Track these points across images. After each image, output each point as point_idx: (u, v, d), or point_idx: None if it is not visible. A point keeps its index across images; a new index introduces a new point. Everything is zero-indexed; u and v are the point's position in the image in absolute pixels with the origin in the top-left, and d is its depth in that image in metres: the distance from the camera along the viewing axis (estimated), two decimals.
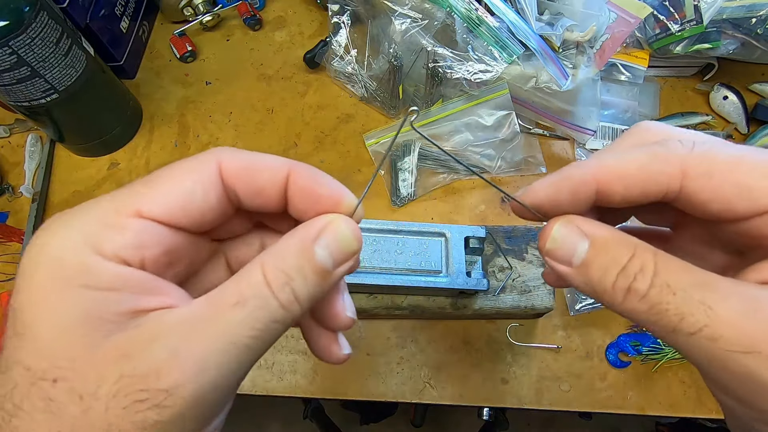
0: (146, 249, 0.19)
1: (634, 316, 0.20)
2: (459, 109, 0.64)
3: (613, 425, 1.33)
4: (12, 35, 0.48)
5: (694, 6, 0.59)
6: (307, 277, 0.19)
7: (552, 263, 0.22)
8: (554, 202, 0.22)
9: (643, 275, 0.19)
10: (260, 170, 0.21)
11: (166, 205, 0.19)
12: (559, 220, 0.22)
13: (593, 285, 0.20)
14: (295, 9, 0.80)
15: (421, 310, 0.52)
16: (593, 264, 0.20)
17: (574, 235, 0.21)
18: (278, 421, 1.39)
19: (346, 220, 0.21)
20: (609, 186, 0.21)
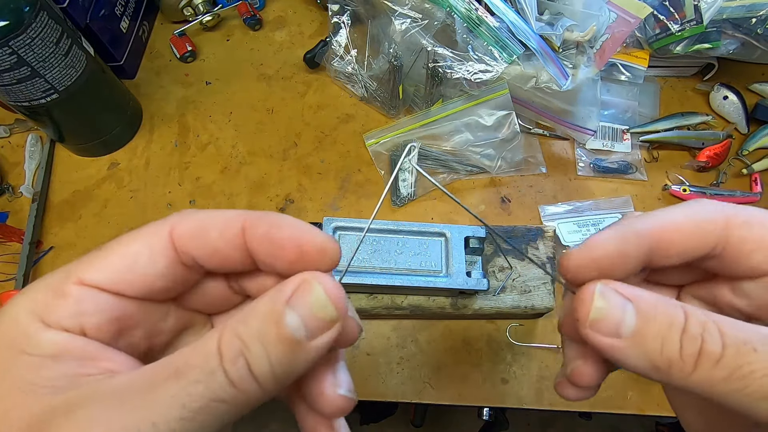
0: (87, 316, 0.18)
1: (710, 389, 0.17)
2: (459, 109, 0.64)
3: (613, 425, 1.33)
4: (12, 35, 0.48)
5: (694, 6, 0.59)
6: (269, 348, 0.16)
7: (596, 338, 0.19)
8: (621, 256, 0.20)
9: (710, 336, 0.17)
10: (210, 229, 0.19)
11: (109, 272, 0.19)
12: (595, 286, 0.19)
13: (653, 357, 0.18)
14: (295, 9, 0.80)
15: (421, 310, 0.52)
16: (648, 332, 0.18)
17: (618, 301, 0.18)
18: (278, 421, 1.39)
19: (324, 278, 0.18)
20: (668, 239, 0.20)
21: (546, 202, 0.63)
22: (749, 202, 0.62)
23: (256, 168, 0.66)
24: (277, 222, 0.19)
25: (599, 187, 0.64)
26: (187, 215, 0.20)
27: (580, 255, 0.20)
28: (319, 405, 0.20)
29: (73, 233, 0.63)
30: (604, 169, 0.64)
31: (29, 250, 0.59)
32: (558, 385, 0.23)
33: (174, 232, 0.19)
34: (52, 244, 0.62)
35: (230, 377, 0.16)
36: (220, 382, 0.16)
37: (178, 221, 0.20)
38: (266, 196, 0.64)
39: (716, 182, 0.63)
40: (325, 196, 0.64)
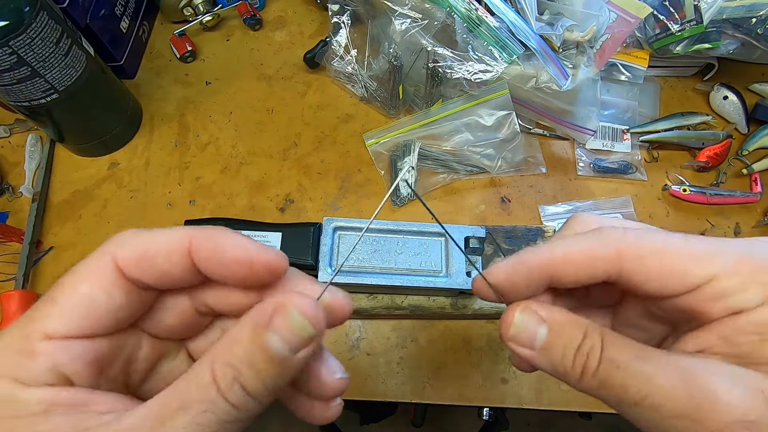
0: (65, 366, 0.18)
1: (590, 392, 0.21)
2: (459, 109, 0.64)
3: (613, 425, 1.33)
4: (12, 35, 0.48)
5: (694, 6, 0.59)
6: (260, 370, 0.18)
7: (516, 348, 0.23)
8: (511, 282, 0.24)
9: (593, 353, 0.21)
10: (155, 255, 0.20)
11: (71, 319, 0.19)
12: (518, 307, 0.23)
13: (555, 366, 0.22)
14: (295, 9, 0.80)
15: (421, 310, 0.52)
16: (553, 346, 0.22)
17: (533, 320, 0.23)
18: (278, 421, 1.39)
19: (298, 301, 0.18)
20: (558, 270, 0.23)
21: (546, 202, 0.63)
22: (749, 202, 0.62)
23: (256, 168, 0.66)
24: (221, 243, 0.20)
25: (599, 187, 0.64)
26: (126, 240, 0.20)
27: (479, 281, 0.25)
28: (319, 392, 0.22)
29: (73, 233, 0.63)
30: (604, 169, 0.64)
31: (29, 250, 0.59)
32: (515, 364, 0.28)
33: (117, 261, 0.20)
34: (52, 244, 0.62)
35: (231, 402, 0.17)
36: (223, 407, 0.17)
37: (118, 249, 0.20)
38: (266, 196, 0.64)
39: (716, 182, 0.63)
40: (325, 196, 0.64)
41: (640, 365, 0.20)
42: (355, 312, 0.53)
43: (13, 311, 0.55)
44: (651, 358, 0.20)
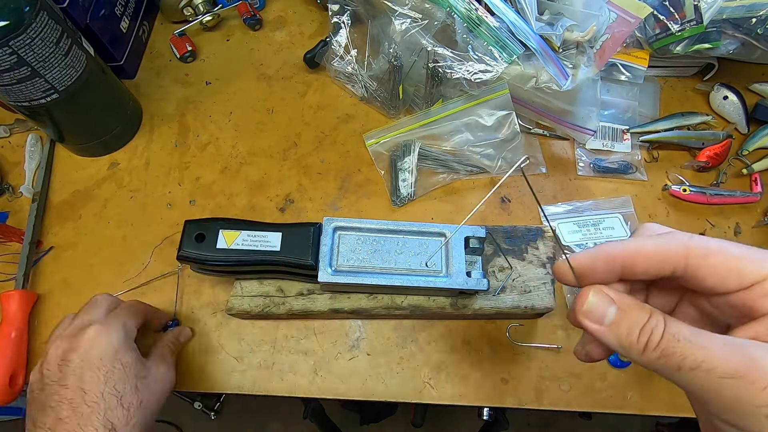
0: None
1: (650, 363, 0.25)
2: (459, 109, 0.64)
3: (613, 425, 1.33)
4: (12, 35, 0.48)
5: (694, 6, 0.59)
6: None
7: (586, 322, 0.27)
8: (591, 267, 0.28)
9: (657, 329, 0.25)
10: None
11: None
12: (592, 289, 0.27)
13: (621, 340, 0.26)
14: (295, 9, 0.80)
15: (421, 310, 0.52)
16: (621, 324, 0.26)
17: (605, 300, 0.27)
18: (278, 421, 1.39)
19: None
20: (633, 261, 0.27)
21: (546, 202, 0.63)
22: (749, 202, 0.62)
23: (256, 168, 0.66)
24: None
25: (599, 187, 0.64)
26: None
27: (561, 266, 0.29)
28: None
29: (73, 233, 0.63)
30: (604, 169, 0.64)
31: (29, 250, 0.59)
32: (576, 352, 0.32)
33: None
34: (52, 244, 0.62)
35: None
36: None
37: None
38: (266, 196, 0.64)
39: (716, 182, 0.63)
40: (325, 196, 0.64)
41: (698, 338, 0.24)
42: (355, 312, 0.53)
43: (13, 311, 0.55)
44: (707, 334, 0.24)
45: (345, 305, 0.52)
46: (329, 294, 0.52)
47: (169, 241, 0.61)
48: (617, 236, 0.59)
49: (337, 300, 0.52)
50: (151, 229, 0.62)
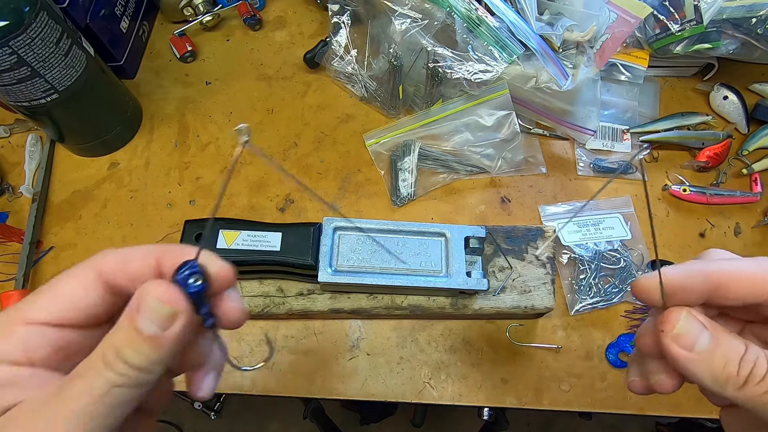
0: (33, 351, 0.22)
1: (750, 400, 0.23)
2: (459, 109, 0.64)
3: (613, 425, 1.33)
4: (12, 35, 0.48)
5: (694, 6, 0.59)
6: (138, 347, 0.21)
7: (675, 348, 0.24)
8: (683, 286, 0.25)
9: (760, 362, 0.23)
10: (130, 262, 0.23)
11: (50, 308, 0.22)
12: (683, 310, 0.25)
13: (715, 371, 0.23)
14: (295, 9, 0.80)
15: (421, 310, 0.52)
16: (716, 353, 0.23)
17: (697, 325, 0.24)
18: (278, 421, 1.39)
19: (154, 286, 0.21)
20: (730, 283, 0.25)
21: (546, 202, 0.63)
22: (749, 201, 0.62)
23: (256, 168, 0.66)
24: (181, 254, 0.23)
25: (599, 187, 0.64)
26: (110, 253, 0.24)
27: (649, 280, 0.25)
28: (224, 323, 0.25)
29: (73, 233, 0.63)
30: (604, 169, 0.64)
31: (29, 250, 0.59)
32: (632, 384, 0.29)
33: (100, 267, 0.23)
34: (52, 244, 0.62)
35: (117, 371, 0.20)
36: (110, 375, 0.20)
37: (101, 257, 0.24)
38: (266, 196, 0.64)
39: (716, 182, 0.63)
40: (325, 196, 0.64)
41: None
42: (355, 312, 0.53)
43: None
44: None
45: (345, 305, 0.52)
46: (329, 294, 0.52)
47: (168, 240, 0.61)
48: (617, 236, 0.59)
49: (337, 300, 0.52)
50: (151, 229, 0.62)
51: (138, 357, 0.21)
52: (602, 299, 0.56)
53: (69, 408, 0.19)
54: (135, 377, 0.21)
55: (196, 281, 0.22)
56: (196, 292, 0.22)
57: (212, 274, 0.23)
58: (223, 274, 0.24)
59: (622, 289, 0.57)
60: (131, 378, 0.21)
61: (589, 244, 0.59)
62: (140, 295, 0.21)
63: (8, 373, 0.21)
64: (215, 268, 0.24)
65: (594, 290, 0.57)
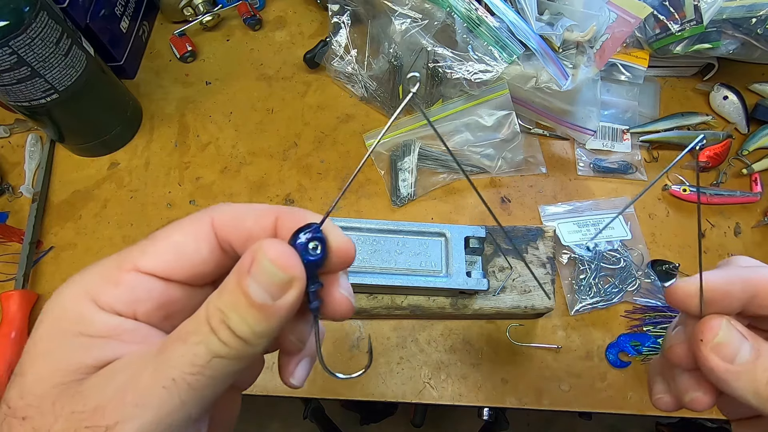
0: (139, 302, 0.20)
1: None
2: (459, 109, 0.64)
3: (613, 425, 1.33)
4: (12, 35, 0.48)
5: (694, 6, 0.59)
6: (244, 314, 0.19)
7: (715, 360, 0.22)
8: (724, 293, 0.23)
9: None
10: (246, 217, 0.21)
11: (160, 259, 0.21)
12: (723, 319, 0.23)
13: (758, 385, 0.22)
14: (295, 9, 0.80)
15: (421, 310, 0.52)
16: (758, 365, 0.22)
17: (737, 335, 0.22)
18: (278, 421, 1.39)
19: (271, 246, 0.19)
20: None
21: (546, 202, 0.63)
22: (749, 201, 0.62)
23: (256, 168, 0.66)
24: (303, 217, 0.21)
25: (599, 187, 0.64)
26: (225, 206, 0.22)
27: (689, 287, 0.24)
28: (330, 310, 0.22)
29: (73, 233, 0.63)
30: (604, 169, 0.64)
31: (29, 250, 0.59)
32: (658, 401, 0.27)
33: (214, 221, 0.21)
34: (52, 244, 0.62)
35: (221, 338, 0.18)
36: (215, 342, 0.18)
37: (216, 211, 0.22)
38: (266, 196, 0.64)
39: (716, 182, 0.63)
40: (325, 196, 0.64)
41: None
42: (355, 312, 0.53)
43: (13, 311, 0.55)
44: None
45: None
46: None
47: None
48: (617, 236, 0.59)
49: None
50: (150, 229, 0.62)
51: (244, 326, 0.18)
52: (602, 299, 0.56)
53: (168, 375, 0.18)
54: (237, 349, 0.19)
55: (315, 248, 0.20)
56: (314, 262, 0.20)
57: (333, 247, 0.20)
58: (345, 249, 0.21)
59: (622, 289, 0.57)
60: (234, 349, 0.19)
61: (589, 244, 0.59)
62: (254, 253, 0.19)
63: (113, 323, 0.20)
64: (338, 240, 0.21)
65: (594, 290, 0.57)
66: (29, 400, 0.18)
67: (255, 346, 0.19)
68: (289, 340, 0.24)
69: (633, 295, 0.57)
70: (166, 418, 0.18)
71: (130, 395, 0.18)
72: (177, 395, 0.18)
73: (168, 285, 0.21)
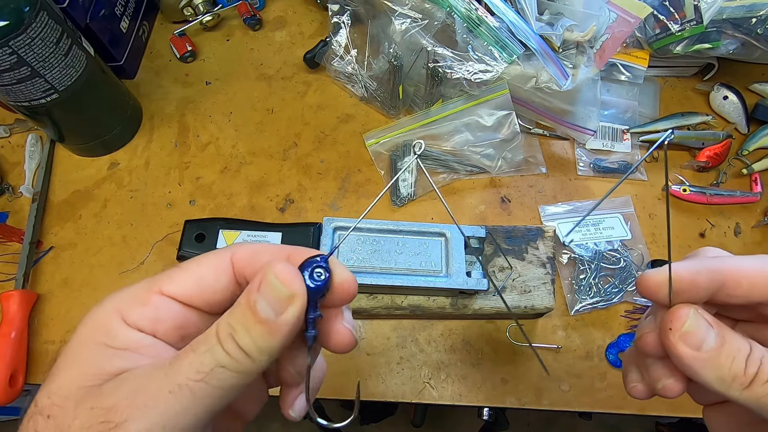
0: (160, 321, 0.23)
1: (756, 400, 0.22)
2: (459, 109, 0.64)
3: (613, 425, 1.33)
4: (12, 35, 0.48)
5: (694, 6, 0.59)
6: (250, 329, 0.21)
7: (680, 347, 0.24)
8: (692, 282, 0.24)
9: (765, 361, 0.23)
10: (262, 254, 0.24)
11: (183, 285, 0.24)
12: (691, 308, 0.24)
13: (721, 371, 0.23)
14: (295, 9, 0.80)
15: (421, 310, 0.52)
16: (722, 353, 0.23)
17: (704, 323, 0.24)
18: (278, 421, 1.39)
19: (278, 264, 0.21)
20: (740, 280, 0.24)
21: (546, 202, 0.63)
22: (749, 201, 0.62)
23: (256, 168, 0.66)
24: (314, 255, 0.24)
25: (599, 187, 0.64)
26: (246, 245, 0.25)
27: (657, 277, 0.25)
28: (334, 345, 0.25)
29: (73, 233, 0.63)
30: (604, 169, 0.64)
31: (29, 250, 0.59)
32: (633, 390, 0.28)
33: (234, 256, 0.24)
34: (52, 244, 0.62)
35: (226, 350, 0.20)
36: (220, 352, 0.20)
37: (237, 248, 0.25)
38: (266, 196, 0.64)
39: (716, 182, 0.63)
40: (325, 196, 0.64)
41: None
42: (355, 312, 0.53)
43: (13, 311, 0.55)
44: None
45: None
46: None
47: (168, 239, 0.61)
48: (617, 236, 0.59)
49: None
50: (150, 229, 0.62)
51: (248, 340, 0.21)
52: (602, 299, 0.56)
53: (174, 380, 0.20)
54: (240, 361, 0.21)
55: (320, 276, 0.22)
56: (316, 288, 0.22)
57: (336, 279, 0.23)
58: (348, 284, 0.23)
59: (622, 289, 0.57)
60: (237, 361, 0.20)
61: (589, 244, 0.59)
62: (263, 272, 0.21)
63: (135, 338, 0.22)
64: (342, 275, 0.23)
65: (594, 290, 0.57)
66: (55, 400, 0.21)
67: (257, 362, 0.21)
68: (288, 371, 0.26)
69: (633, 295, 0.57)
70: (170, 420, 0.20)
71: (140, 397, 0.20)
72: (181, 400, 0.20)
73: (188, 309, 0.24)
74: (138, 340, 0.22)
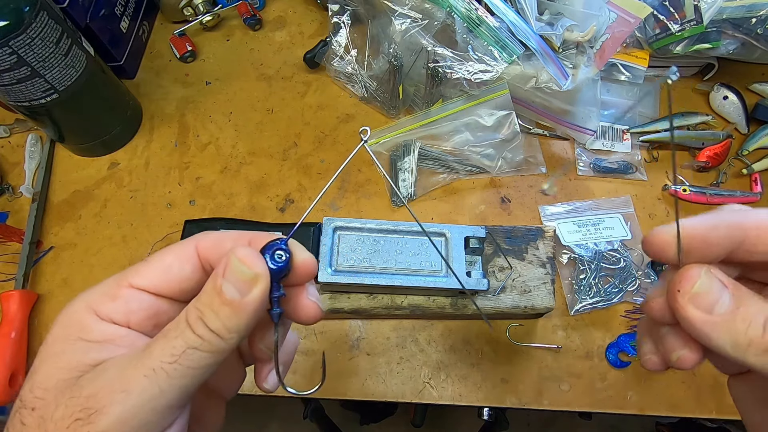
0: (132, 313, 0.24)
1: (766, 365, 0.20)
2: (459, 109, 0.64)
3: (613, 425, 1.33)
4: (12, 35, 0.48)
5: (694, 6, 0.59)
6: (218, 311, 0.22)
7: (692, 310, 0.21)
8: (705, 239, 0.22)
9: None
10: (225, 241, 0.25)
11: (150, 277, 0.24)
12: (702, 268, 0.22)
13: (736, 335, 0.21)
14: (295, 9, 0.80)
15: (421, 310, 0.52)
16: (737, 316, 0.21)
17: (717, 284, 0.21)
18: (278, 421, 1.39)
19: (240, 249, 0.22)
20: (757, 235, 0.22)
21: (546, 202, 0.63)
22: (749, 202, 0.62)
23: (256, 168, 0.66)
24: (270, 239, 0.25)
25: (599, 187, 0.64)
26: (209, 233, 0.26)
27: (665, 234, 0.23)
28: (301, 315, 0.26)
29: (73, 233, 0.63)
30: (604, 169, 0.64)
31: (29, 250, 0.59)
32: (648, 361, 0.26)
33: (198, 245, 0.25)
34: (52, 244, 0.62)
35: (197, 333, 0.21)
36: (191, 336, 0.21)
37: (201, 237, 0.26)
38: (266, 196, 0.64)
39: (716, 182, 0.63)
40: (325, 195, 0.64)
41: None
42: (355, 312, 0.53)
43: (13, 311, 0.55)
44: None
45: (345, 305, 0.52)
46: (329, 294, 0.52)
47: (168, 239, 0.61)
48: (617, 236, 0.59)
49: (337, 300, 0.52)
50: (150, 229, 0.62)
51: (216, 321, 0.22)
52: (602, 299, 0.56)
53: (149, 365, 0.21)
54: (211, 341, 0.21)
55: (280, 257, 0.24)
56: (278, 269, 0.23)
57: (297, 260, 0.24)
58: (307, 263, 0.25)
59: (622, 289, 0.57)
60: (207, 342, 0.21)
61: (589, 244, 0.59)
62: (227, 257, 0.22)
63: (109, 330, 0.23)
64: (301, 256, 0.25)
65: (594, 290, 0.57)
66: (37, 393, 0.21)
67: (226, 340, 0.22)
68: (259, 348, 0.27)
69: (633, 295, 0.57)
70: (148, 403, 0.20)
71: (117, 384, 0.21)
72: (156, 383, 0.21)
73: (157, 299, 0.25)
74: (112, 332, 0.23)
